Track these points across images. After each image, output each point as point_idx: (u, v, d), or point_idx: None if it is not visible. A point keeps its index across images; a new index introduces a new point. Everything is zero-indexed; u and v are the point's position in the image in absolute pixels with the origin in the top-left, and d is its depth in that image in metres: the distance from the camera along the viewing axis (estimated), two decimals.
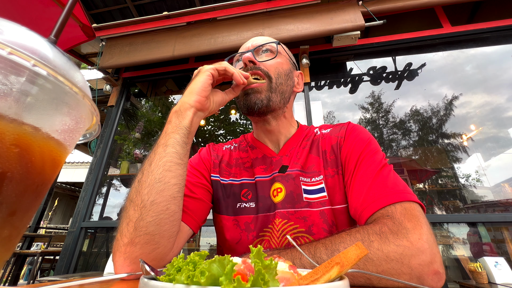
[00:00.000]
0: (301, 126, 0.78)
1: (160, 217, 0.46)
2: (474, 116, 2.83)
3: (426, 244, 0.42)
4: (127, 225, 0.46)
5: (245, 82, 0.59)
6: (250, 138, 0.79)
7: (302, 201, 0.62)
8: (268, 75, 0.66)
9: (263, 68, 0.67)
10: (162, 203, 0.46)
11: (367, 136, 0.65)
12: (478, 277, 1.47)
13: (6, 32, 0.17)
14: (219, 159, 0.75)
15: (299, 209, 0.61)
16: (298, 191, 0.63)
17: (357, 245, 0.24)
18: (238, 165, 0.73)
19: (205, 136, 4.21)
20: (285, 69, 0.71)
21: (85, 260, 2.31)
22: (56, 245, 4.60)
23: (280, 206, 0.62)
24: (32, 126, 0.17)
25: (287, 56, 0.75)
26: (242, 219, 0.64)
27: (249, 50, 0.70)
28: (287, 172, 0.66)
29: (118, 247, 0.46)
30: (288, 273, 0.22)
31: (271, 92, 0.66)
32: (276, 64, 0.69)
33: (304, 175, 0.65)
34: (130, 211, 0.47)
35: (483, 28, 2.30)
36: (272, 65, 0.69)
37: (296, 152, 0.69)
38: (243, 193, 0.67)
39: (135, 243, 0.45)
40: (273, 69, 0.68)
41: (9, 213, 0.17)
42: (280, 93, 0.68)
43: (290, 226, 0.60)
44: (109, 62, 2.56)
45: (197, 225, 0.63)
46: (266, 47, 0.71)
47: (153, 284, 0.21)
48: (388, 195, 0.51)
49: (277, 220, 0.61)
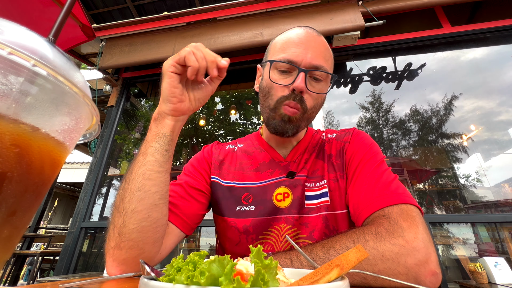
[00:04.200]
0: (309, 129, 0.77)
1: (142, 225, 0.47)
2: (474, 116, 2.84)
3: (422, 243, 0.42)
4: (113, 230, 0.48)
5: (220, 75, 0.50)
6: (257, 139, 0.77)
7: (304, 207, 0.62)
8: (306, 109, 0.61)
9: (305, 104, 0.60)
10: (143, 211, 0.47)
11: (370, 142, 0.65)
12: (478, 277, 1.47)
13: (6, 32, 0.17)
14: (221, 159, 0.74)
15: (302, 215, 0.61)
16: (303, 197, 0.63)
17: (358, 247, 0.24)
18: (242, 168, 0.71)
19: (205, 136, 4.21)
20: (323, 98, 0.65)
21: (85, 260, 2.31)
22: (56, 246, 4.60)
23: (286, 212, 0.62)
24: (32, 126, 0.17)
25: (332, 70, 0.65)
26: (240, 222, 0.64)
27: (302, 69, 0.58)
28: (295, 178, 0.66)
29: (107, 249, 0.49)
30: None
31: (302, 121, 0.62)
32: (319, 97, 0.63)
33: (309, 181, 0.65)
34: (115, 217, 0.48)
35: (483, 28, 2.30)
36: (316, 98, 0.62)
37: (305, 158, 0.69)
38: (244, 197, 0.66)
39: (121, 247, 0.47)
40: (313, 104, 0.62)
41: (9, 213, 0.17)
42: (309, 119, 0.65)
43: (294, 232, 0.60)
44: (109, 62, 2.56)
45: (189, 228, 0.63)
46: (322, 75, 0.61)
47: (153, 285, 0.21)
48: (386, 197, 0.51)
49: (282, 225, 0.61)
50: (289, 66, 0.60)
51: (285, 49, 0.61)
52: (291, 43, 0.61)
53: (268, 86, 0.64)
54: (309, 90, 0.60)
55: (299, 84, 0.57)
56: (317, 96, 0.61)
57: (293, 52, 0.60)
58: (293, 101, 0.59)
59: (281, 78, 0.61)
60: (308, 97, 0.60)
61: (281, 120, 0.61)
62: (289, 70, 0.61)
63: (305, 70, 0.58)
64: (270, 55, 0.65)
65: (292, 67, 0.60)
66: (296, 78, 0.58)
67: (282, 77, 0.61)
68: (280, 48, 0.63)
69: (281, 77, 0.61)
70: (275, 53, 0.63)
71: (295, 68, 0.59)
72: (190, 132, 4.12)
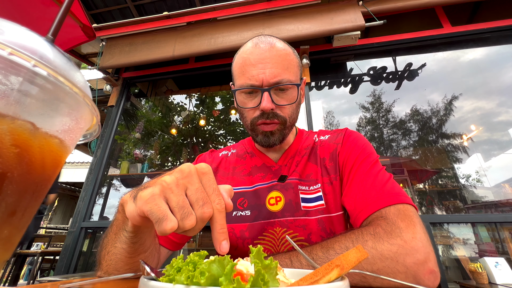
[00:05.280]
0: (300, 132, 0.77)
1: (123, 269, 0.47)
2: (474, 116, 2.83)
3: (420, 243, 0.42)
4: (104, 256, 0.48)
5: (223, 250, 0.28)
6: (249, 144, 0.78)
7: (300, 209, 0.62)
8: (284, 119, 0.62)
9: (281, 115, 0.62)
10: (121, 268, 0.46)
11: (363, 142, 0.65)
12: (478, 278, 1.47)
13: (7, 32, 0.17)
14: (215, 167, 0.75)
15: (298, 217, 0.62)
16: (297, 199, 0.63)
17: (357, 248, 0.24)
18: (236, 173, 0.73)
19: (205, 136, 4.21)
20: (298, 101, 0.65)
21: (85, 260, 2.31)
22: (56, 245, 4.60)
23: (280, 215, 0.63)
24: (33, 126, 0.17)
25: (298, 73, 0.65)
26: (237, 227, 0.64)
27: (265, 88, 0.59)
28: (286, 181, 0.66)
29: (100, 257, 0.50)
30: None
31: (285, 129, 0.64)
32: (292, 105, 0.63)
33: (302, 184, 0.65)
34: (102, 251, 0.49)
35: (483, 28, 2.30)
36: (290, 108, 0.63)
37: (296, 161, 0.69)
38: (239, 202, 0.67)
39: (109, 273, 0.48)
40: (289, 112, 0.63)
41: (9, 213, 0.17)
42: (292, 125, 0.66)
43: (290, 234, 0.61)
44: (109, 62, 2.56)
45: (176, 245, 0.64)
46: (286, 86, 0.61)
47: (153, 285, 0.21)
48: (382, 198, 0.51)
49: (277, 228, 0.62)
50: (252, 89, 0.61)
51: (244, 72, 0.62)
52: (247, 66, 0.61)
53: (240, 110, 0.66)
54: (279, 105, 0.61)
55: (266, 105, 0.59)
56: (289, 105, 0.62)
57: (251, 75, 0.60)
58: (267, 120, 0.61)
59: (249, 100, 0.63)
60: (282, 109, 0.62)
61: (264, 136, 0.63)
62: (254, 91, 0.62)
63: (267, 89, 0.59)
64: (235, 79, 0.66)
65: (256, 89, 0.61)
66: (261, 99, 0.59)
67: (250, 98, 0.63)
68: (240, 72, 0.63)
69: (249, 99, 0.63)
70: (238, 78, 0.64)
71: (259, 89, 0.60)
72: (190, 132, 4.12)
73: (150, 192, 0.28)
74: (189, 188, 0.29)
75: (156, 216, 0.27)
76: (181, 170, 0.30)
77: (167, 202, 0.28)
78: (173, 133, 3.95)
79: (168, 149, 3.97)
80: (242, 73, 0.62)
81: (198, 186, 0.29)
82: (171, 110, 4.12)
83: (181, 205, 0.27)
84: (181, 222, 0.27)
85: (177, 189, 0.28)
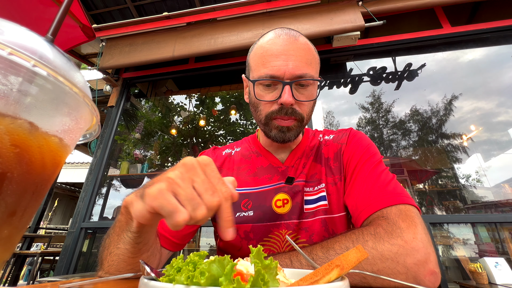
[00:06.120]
0: (306, 131, 0.76)
1: (125, 269, 0.47)
2: (474, 117, 2.84)
3: (421, 243, 0.42)
4: (106, 256, 0.48)
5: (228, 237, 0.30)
6: (255, 143, 0.76)
7: (304, 212, 0.62)
8: (302, 117, 0.60)
9: (299, 112, 0.59)
10: (123, 269, 0.47)
11: (367, 142, 0.65)
12: (478, 278, 1.47)
13: (6, 32, 0.17)
14: (218, 166, 0.73)
15: (302, 220, 0.62)
16: (302, 203, 0.63)
17: (358, 248, 0.24)
18: (240, 173, 0.70)
19: (205, 137, 4.21)
20: (315, 101, 0.63)
21: (85, 260, 2.31)
22: (56, 246, 4.60)
23: (287, 218, 0.62)
24: (32, 127, 0.17)
25: (318, 70, 0.64)
26: (241, 228, 0.64)
27: (286, 82, 0.57)
28: (294, 183, 0.65)
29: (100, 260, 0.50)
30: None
31: (301, 127, 0.63)
32: (311, 103, 0.62)
33: (307, 185, 0.65)
34: (104, 251, 0.49)
35: (483, 29, 2.30)
36: (308, 105, 0.61)
37: (303, 163, 0.68)
38: (244, 203, 0.66)
39: (110, 273, 0.48)
40: (307, 110, 0.61)
41: (9, 213, 0.17)
42: (306, 124, 0.65)
43: (293, 237, 0.61)
44: (109, 63, 2.56)
45: (177, 246, 0.63)
46: (308, 81, 0.59)
47: (153, 285, 0.21)
48: (384, 198, 0.51)
49: (283, 231, 0.61)
50: (272, 81, 0.58)
51: (265, 63, 0.59)
52: (269, 56, 0.58)
53: (255, 102, 0.63)
54: (299, 100, 0.59)
55: (287, 99, 0.56)
56: (307, 102, 0.61)
57: (273, 65, 0.57)
58: (285, 116, 0.59)
59: (267, 93, 0.60)
60: (300, 105, 0.60)
61: (279, 131, 0.61)
62: (273, 84, 0.59)
63: (289, 83, 0.56)
64: (252, 70, 0.63)
65: (276, 81, 0.58)
66: (282, 93, 0.57)
67: (268, 91, 0.60)
68: (260, 62, 0.60)
69: (267, 92, 0.60)
70: (256, 68, 0.61)
71: (279, 82, 0.58)
72: (190, 132, 4.12)
73: (157, 188, 0.28)
74: (195, 180, 0.29)
75: (167, 210, 0.27)
76: (184, 164, 0.30)
77: (175, 197, 0.28)
78: (173, 133, 3.96)
79: (168, 149, 3.97)
80: (262, 64, 0.59)
81: (203, 177, 0.29)
82: (171, 110, 4.12)
83: (190, 197, 0.28)
84: (192, 213, 0.27)
85: (183, 183, 0.28)
